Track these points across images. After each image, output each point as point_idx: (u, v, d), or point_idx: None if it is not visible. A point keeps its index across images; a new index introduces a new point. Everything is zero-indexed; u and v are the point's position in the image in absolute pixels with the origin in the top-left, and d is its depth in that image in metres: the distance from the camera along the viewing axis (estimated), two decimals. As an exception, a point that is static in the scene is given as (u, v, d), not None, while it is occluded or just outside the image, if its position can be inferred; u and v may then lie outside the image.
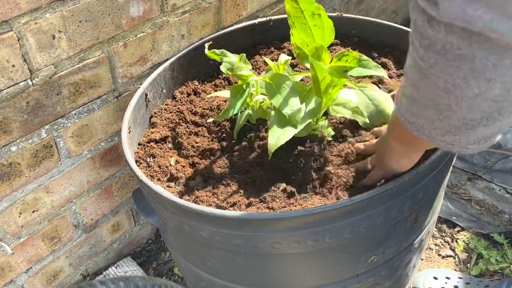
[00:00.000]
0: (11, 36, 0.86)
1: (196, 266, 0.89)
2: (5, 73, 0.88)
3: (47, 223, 1.12)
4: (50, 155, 1.04)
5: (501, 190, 1.47)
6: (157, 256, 1.40)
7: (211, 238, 0.76)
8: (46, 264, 1.18)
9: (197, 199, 0.82)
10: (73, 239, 1.21)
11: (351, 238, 0.74)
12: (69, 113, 1.03)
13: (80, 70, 1.00)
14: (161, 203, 0.79)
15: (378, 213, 0.73)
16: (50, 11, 0.89)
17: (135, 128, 0.96)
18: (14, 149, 0.97)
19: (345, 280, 0.83)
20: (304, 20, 0.80)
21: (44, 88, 0.96)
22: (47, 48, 0.92)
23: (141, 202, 0.90)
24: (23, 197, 1.04)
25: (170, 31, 1.14)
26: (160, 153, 0.94)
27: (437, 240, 1.39)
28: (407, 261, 0.92)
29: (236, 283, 0.86)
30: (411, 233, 0.86)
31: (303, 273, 0.80)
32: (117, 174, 1.23)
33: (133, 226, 1.38)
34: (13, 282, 1.12)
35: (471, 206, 1.46)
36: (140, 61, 1.11)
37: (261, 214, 0.71)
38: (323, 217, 0.70)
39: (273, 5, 1.41)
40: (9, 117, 0.93)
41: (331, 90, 0.83)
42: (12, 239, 1.06)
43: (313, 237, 0.72)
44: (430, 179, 0.78)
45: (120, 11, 1.00)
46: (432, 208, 0.88)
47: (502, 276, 1.27)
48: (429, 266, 1.33)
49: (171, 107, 1.05)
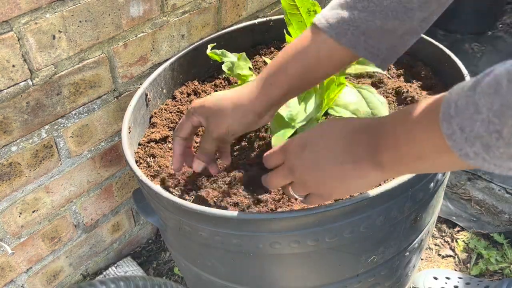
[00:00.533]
0: (11, 36, 0.86)
1: (196, 266, 0.89)
2: (5, 73, 0.88)
3: (47, 223, 1.12)
4: (50, 155, 1.04)
5: (501, 190, 1.48)
6: (157, 256, 1.40)
7: (211, 238, 0.76)
8: (46, 264, 1.18)
9: (197, 199, 0.82)
10: (73, 239, 1.21)
11: (351, 238, 0.74)
12: (69, 113, 1.03)
13: (80, 70, 1.00)
14: (161, 203, 0.79)
15: (378, 213, 0.73)
16: (50, 11, 0.89)
17: (135, 128, 0.96)
18: (14, 149, 0.97)
19: (345, 280, 0.83)
20: (301, 18, 0.79)
21: (44, 88, 0.96)
22: (47, 48, 0.92)
23: (141, 202, 0.90)
24: (23, 197, 1.04)
25: (170, 31, 1.14)
26: (160, 153, 0.94)
27: (437, 240, 1.39)
28: (407, 261, 0.92)
29: (236, 283, 0.86)
30: (411, 233, 0.86)
31: (303, 273, 0.80)
32: (117, 174, 1.23)
33: (133, 226, 1.38)
34: (13, 282, 1.13)
35: (471, 206, 1.46)
36: (140, 61, 1.11)
37: (261, 214, 0.71)
38: (323, 217, 0.70)
39: (273, 5, 1.41)
40: (9, 117, 0.93)
41: (331, 91, 0.83)
42: (12, 239, 1.06)
43: (313, 237, 0.72)
44: (430, 179, 0.78)
45: (120, 11, 1.00)
46: (432, 208, 0.88)
47: (502, 276, 1.28)
48: (429, 266, 1.33)
49: (171, 107, 1.05)
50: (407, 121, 0.47)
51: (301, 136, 0.60)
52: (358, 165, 0.54)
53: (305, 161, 0.58)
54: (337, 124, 0.57)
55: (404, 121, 0.48)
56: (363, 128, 0.54)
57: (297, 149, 0.59)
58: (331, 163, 0.56)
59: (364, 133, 0.54)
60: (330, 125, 0.58)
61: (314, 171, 0.58)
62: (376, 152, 0.52)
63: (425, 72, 1.04)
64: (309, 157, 0.58)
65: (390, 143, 0.50)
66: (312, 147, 0.58)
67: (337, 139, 0.56)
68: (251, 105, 0.69)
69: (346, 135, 0.55)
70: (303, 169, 0.59)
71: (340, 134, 0.56)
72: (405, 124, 0.48)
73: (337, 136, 0.56)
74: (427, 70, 1.05)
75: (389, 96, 1.00)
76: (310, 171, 0.58)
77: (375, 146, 0.52)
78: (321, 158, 0.56)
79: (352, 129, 0.55)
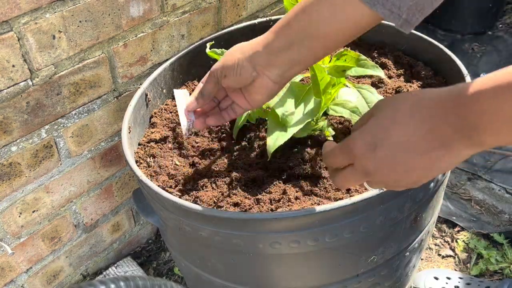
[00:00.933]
0: (11, 36, 0.86)
1: (196, 266, 0.89)
2: (5, 73, 0.88)
3: (47, 223, 1.12)
4: (50, 155, 1.04)
5: (501, 190, 1.48)
6: (157, 256, 1.40)
7: (211, 238, 0.76)
8: (46, 264, 1.18)
9: (197, 199, 0.82)
10: (73, 239, 1.21)
11: (351, 238, 0.74)
12: (69, 113, 1.03)
13: (80, 70, 1.00)
14: (161, 203, 0.79)
15: (378, 213, 0.73)
16: (50, 11, 0.89)
17: (135, 128, 0.96)
18: (14, 149, 0.97)
19: (345, 280, 0.83)
20: None
21: (44, 88, 0.96)
22: (47, 48, 0.92)
23: (141, 202, 0.90)
24: (23, 197, 1.04)
25: (170, 31, 1.14)
26: (160, 153, 0.94)
27: (437, 240, 1.39)
28: (407, 261, 0.92)
29: (236, 283, 0.86)
30: (411, 233, 0.86)
31: (303, 273, 0.80)
32: (117, 174, 1.23)
33: (133, 226, 1.38)
34: (13, 282, 1.13)
35: (471, 206, 1.46)
36: (140, 61, 1.11)
37: (261, 214, 0.71)
38: (323, 217, 0.70)
39: (273, 5, 1.41)
40: (9, 117, 0.93)
41: (331, 90, 0.83)
42: (12, 239, 1.06)
43: (313, 237, 0.72)
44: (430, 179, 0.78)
45: (120, 11, 1.00)
46: (432, 208, 0.88)
47: (502, 276, 1.27)
48: (429, 266, 1.33)
49: (171, 107, 1.05)
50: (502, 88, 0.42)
51: (364, 132, 0.51)
52: (449, 149, 0.47)
53: (381, 161, 0.50)
54: (405, 107, 0.48)
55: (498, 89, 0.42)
56: (444, 107, 0.46)
57: (366, 151, 0.51)
58: (414, 154, 0.48)
59: (448, 113, 0.46)
60: (395, 108, 0.49)
61: (394, 170, 0.50)
62: (474, 131, 0.45)
63: (425, 72, 1.04)
64: (384, 156, 0.49)
65: (490, 120, 0.43)
66: (383, 142, 0.49)
67: (414, 126, 0.47)
68: (251, 51, 0.65)
69: (424, 118, 0.47)
70: (381, 170, 0.51)
71: (415, 119, 0.47)
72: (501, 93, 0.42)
73: (412, 122, 0.48)
74: (427, 70, 1.05)
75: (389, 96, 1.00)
76: (389, 171, 0.50)
77: (470, 126, 0.44)
78: (400, 152, 0.49)
79: (429, 110, 0.47)
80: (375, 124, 0.50)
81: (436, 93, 0.47)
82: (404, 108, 0.48)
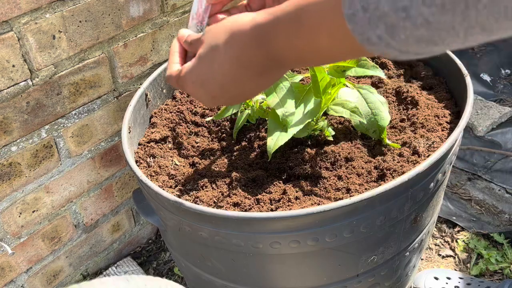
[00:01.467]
0: (11, 36, 0.86)
1: (196, 266, 0.89)
2: (5, 73, 0.88)
3: (47, 223, 1.12)
4: (50, 155, 1.04)
5: (501, 190, 1.47)
6: (157, 256, 1.40)
7: (211, 238, 0.76)
8: (46, 264, 1.18)
9: (197, 199, 0.82)
10: (73, 239, 1.21)
11: (351, 238, 0.74)
12: (69, 113, 1.03)
13: (80, 70, 1.00)
14: (161, 203, 0.79)
15: (378, 213, 0.73)
16: (50, 11, 0.89)
17: (135, 128, 0.96)
18: (14, 149, 0.97)
19: (345, 280, 0.83)
20: None
21: (44, 88, 0.96)
22: (47, 48, 0.92)
23: (141, 202, 0.90)
24: (23, 197, 1.04)
25: (170, 31, 1.14)
26: (160, 153, 0.94)
27: (437, 240, 1.39)
28: (407, 261, 0.92)
29: (236, 283, 0.86)
30: (411, 233, 0.86)
31: (303, 273, 0.80)
32: (117, 174, 1.23)
33: (133, 226, 1.38)
34: (13, 282, 1.13)
35: (471, 206, 1.46)
36: (140, 61, 1.11)
37: (261, 214, 0.71)
38: (323, 217, 0.70)
39: (273, 5, 1.41)
40: (9, 117, 0.93)
41: (330, 90, 0.83)
42: (12, 239, 1.07)
43: (313, 237, 0.72)
44: (430, 179, 0.78)
45: (120, 11, 1.00)
46: (432, 208, 0.88)
47: (502, 276, 1.27)
48: (429, 266, 1.33)
49: (171, 107, 1.05)
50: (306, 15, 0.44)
51: (191, 72, 0.56)
52: (265, 75, 0.52)
53: (205, 97, 0.56)
54: (221, 47, 0.52)
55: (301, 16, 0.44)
56: (252, 46, 0.50)
57: (193, 88, 0.57)
58: (238, 84, 0.53)
59: (259, 46, 0.49)
60: (212, 48, 0.53)
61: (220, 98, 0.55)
62: (283, 61, 0.49)
63: (425, 72, 1.04)
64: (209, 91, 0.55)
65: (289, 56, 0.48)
66: (207, 81, 0.54)
67: (229, 62, 0.52)
68: None
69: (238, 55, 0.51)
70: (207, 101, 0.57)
71: (230, 55, 0.51)
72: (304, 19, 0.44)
73: (228, 59, 0.52)
74: (427, 70, 1.05)
75: (389, 96, 1.00)
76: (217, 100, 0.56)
77: (277, 58, 0.49)
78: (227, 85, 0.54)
79: (241, 47, 0.51)
80: (198, 63, 0.55)
81: (247, 27, 0.50)
82: (221, 48, 0.52)
